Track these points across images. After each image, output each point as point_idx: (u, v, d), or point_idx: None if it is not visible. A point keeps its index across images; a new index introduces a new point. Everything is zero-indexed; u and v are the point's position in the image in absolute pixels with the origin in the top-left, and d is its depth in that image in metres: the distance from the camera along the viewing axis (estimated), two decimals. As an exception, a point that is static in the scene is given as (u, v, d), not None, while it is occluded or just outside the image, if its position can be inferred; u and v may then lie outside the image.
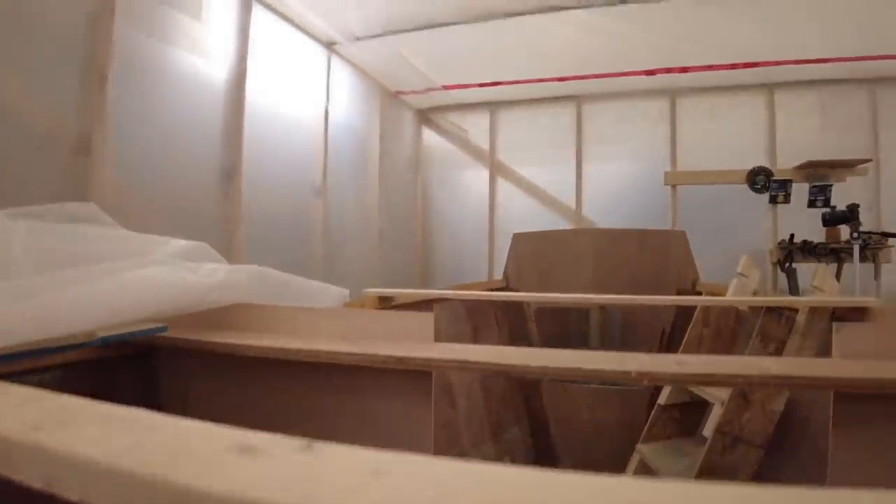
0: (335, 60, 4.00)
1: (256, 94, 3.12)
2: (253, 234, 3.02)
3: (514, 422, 3.23)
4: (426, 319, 1.18)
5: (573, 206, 4.90)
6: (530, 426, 3.33)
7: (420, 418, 1.12)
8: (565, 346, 3.62)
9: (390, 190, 4.76)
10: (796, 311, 2.10)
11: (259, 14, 3.18)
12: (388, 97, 4.80)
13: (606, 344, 3.99)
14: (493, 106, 5.18)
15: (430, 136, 5.49)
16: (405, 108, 5.20)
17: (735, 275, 2.57)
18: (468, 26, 3.60)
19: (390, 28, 3.68)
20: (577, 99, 4.89)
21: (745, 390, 2.00)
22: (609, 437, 3.19)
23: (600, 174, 4.87)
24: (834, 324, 1.00)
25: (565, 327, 3.88)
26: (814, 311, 2.08)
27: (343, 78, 4.15)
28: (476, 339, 3.07)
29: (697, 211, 4.63)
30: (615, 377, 0.93)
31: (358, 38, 3.83)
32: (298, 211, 3.55)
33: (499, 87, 4.72)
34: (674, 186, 4.61)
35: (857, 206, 3.84)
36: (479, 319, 3.10)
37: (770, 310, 2.28)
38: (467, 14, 3.43)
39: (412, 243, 5.26)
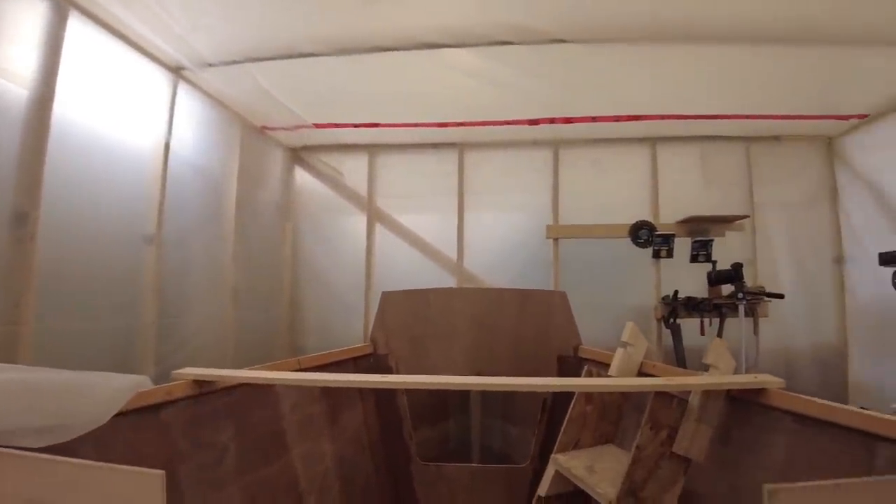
0: (184, 88, 3.58)
1: (72, 120, 2.65)
2: (51, 291, 2.49)
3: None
4: (152, 483, 0.81)
5: (455, 257, 4.70)
6: (401, 516, 2.98)
7: None
8: (443, 420, 3.31)
9: (251, 239, 4.33)
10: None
11: (82, 29, 2.75)
12: (251, 132, 4.43)
13: (488, 415, 3.75)
14: (372, 149, 4.96)
15: (303, 178, 5.13)
16: (273, 145, 4.84)
17: (620, 343, 2.41)
18: (336, 60, 3.37)
19: (247, 55, 3.36)
20: (459, 146, 4.79)
21: (635, 488, 1.79)
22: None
23: (484, 225, 4.79)
24: (766, 488, 0.74)
25: (443, 399, 3.60)
26: (708, 392, 1.94)
27: (194, 108, 3.72)
28: (335, 421, 2.71)
29: (582, 265, 4.63)
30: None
31: (210, 65, 3.46)
32: (122, 264, 3.03)
33: (377, 129, 4.50)
34: (556, 240, 4.57)
35: (741, 265, 3.93)
36: (338, 397, 2.74)
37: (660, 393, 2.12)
38: (330, 45, 3.20)
39: (278, 301, 4.81)
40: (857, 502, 0.75)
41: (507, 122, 4.30)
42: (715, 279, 3.99)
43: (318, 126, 4.49)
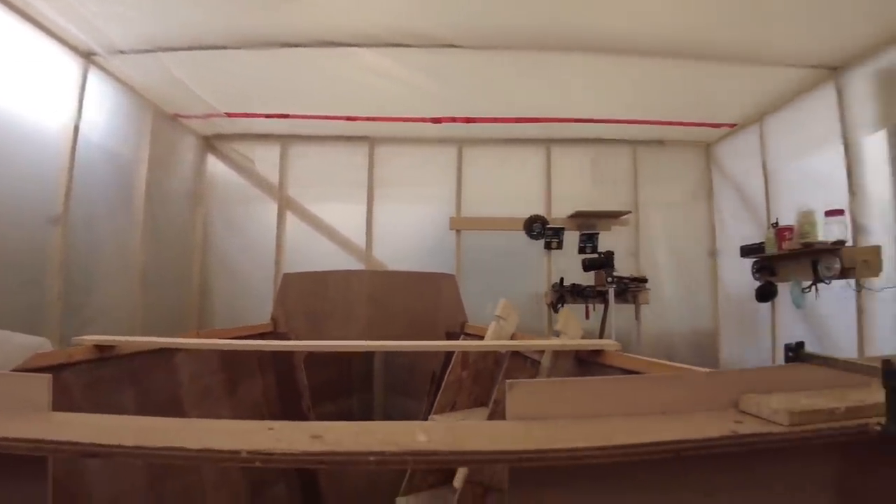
0: (95, 73, 3.70)
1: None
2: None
3: (278, 478, 3.09)
4: (39, 384, 1.03)
5: (364, 246, 4.98)
6: (299, 482, 3.20)
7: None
8: (345, 397, 3.57)
9: (161, 224, 4.48)
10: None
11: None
12: (163, 119, 4.56)
13: (390, 391, 4.07)
14: (284, 139, 5.16)
15: (216, 166, 5.28)
16: (186, 132, 4.97)
17: (494, 317, 2.77)
18: (248, 53, 3.59)
19: (158, 44, 3.53)
20: (369, 140, 5.06)
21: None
22: (388, 489, 3.17)
23: (392, 216, 5.09)
24: (507, 382, 1.04)
25: (346, 376, 3.87)
26: (558, 353, 2.30)
27: (106, 93, 3.85)
28: (233, 392, 2.92)
29: (483, 255, 4.99)
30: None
31: (121, 52, 3.60)
32: (26, 243, 3.15)
33: (289, 119, 4.71)
34: (458, 231, 4.93)
35: (612, 253, 4.40)
36: (237, 370, 2.95)
37: (517, 353, 2.49)
38: (240, 39, 3.43)
39: (187, 286, 4.95)
40: (574, 392, 1.07)
41: (413, 119, 4.63)
42: (588, 265, 4.46)
43: (230, 115, 4.67)
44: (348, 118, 4.68)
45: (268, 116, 4.70)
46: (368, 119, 4.67)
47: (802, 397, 0.96)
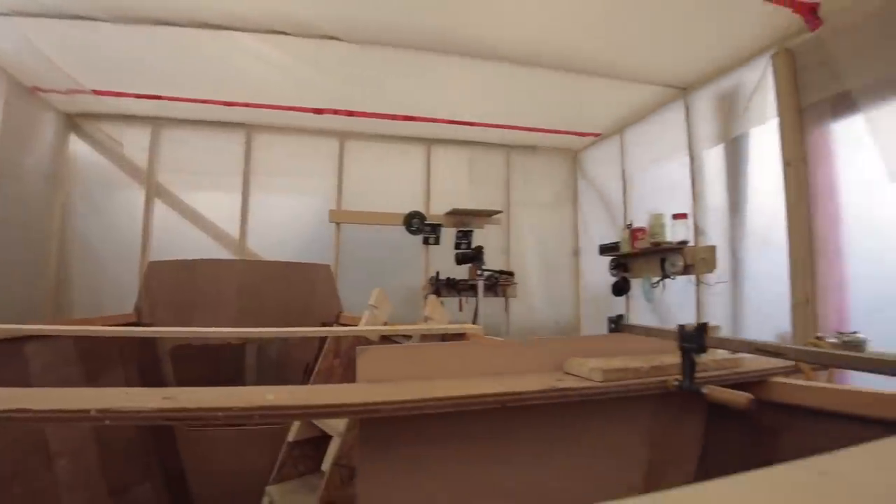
0: (-65, 36, 3.34)
1: None
2: None
3: (143, 478, 2.95)
4: None
5: (238, 237, 4.85)
6: (165, 481, 3.07)
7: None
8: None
9: (13, 206, 4.09)
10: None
11: None
12: (18, 92, 4.16)
13: (264, 382, 4.00)
14: (156, 121, 4.89)
15: (79, 147, 4.89)
16: (46, 108, 4.57)
17: (368, 306, 2.84)
18: (118, 27, 3.38)
19: (14, 7, 3.24)
20: (247, 127, 4.93)
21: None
22: (259, 483, 3.12)
23: (269, 207, 4.97)
24: (357, 348, 1.13)
25: (214, 369, 3.76)
26: (425, 337, 2.42)
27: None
28: (93, 385, 2.75)
29: (364, 248, 5.03)
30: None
31: (-33, 14, 3.28)
32: None
33: (161, 101, 4.49)
34: (338, 224, 4.94)
35: (481, 248, 4.64)
36: (96, 361, 2.78)
37: (387, 338, 2.58)
38: (110, 12, 3.22)
39: (43, 275, 4.56)
40: (419, 355, 1.18)
41: (294, 108, 4.57)
42: (461, 259, 4.67)
43: (97, 93, 4.37)
44: (225, 103, 4.52)
45: (138, 97, 4.44)
46: (246, 105, 4.54)
47: (617, 360, 1.14)
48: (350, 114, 4.67)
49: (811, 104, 3.12)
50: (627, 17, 3.29)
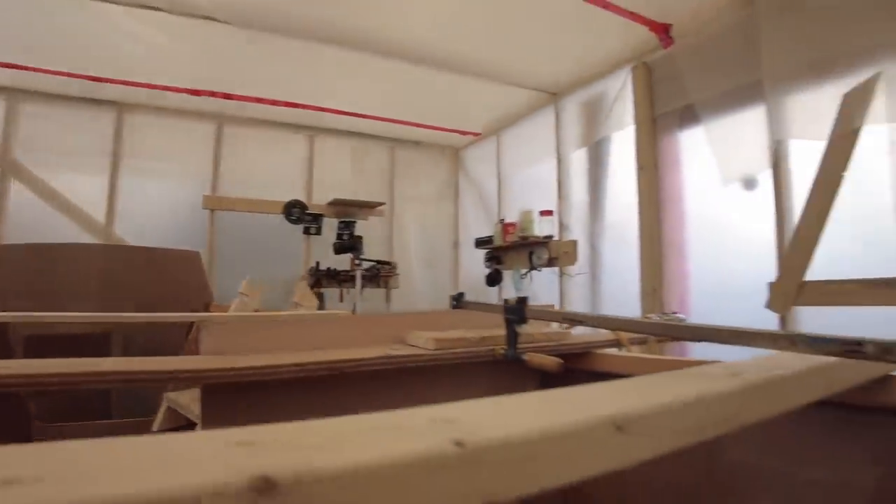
0: None
1: None
2: None
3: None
4: None
5: (104, 222, 4.55)
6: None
7: None
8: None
9: None
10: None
11: None
12: None
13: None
14: (12, 94, 4.47)
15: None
16: None
17: (238, 294, 2.82)
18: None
19: None
20: (117, 105, 4.63)
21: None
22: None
23: (140, 191, 4.69)
24: (201, 322, 1.15)
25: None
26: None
27: None
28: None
29: (242, 237, 4.89)
30: None
31: None
32: None
33: (18, 71, 4.12)
34: (212, 211, 4.77)
35: (360, 238, 4.68)
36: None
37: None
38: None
39: None
40: (265, 329, 1.23)
41: (169, 88, 4.36)
42: (338, 249, 4.68)
43: (-61, 58, 3.95)
44: (92, 78, 4.23)
45: (-11, 64, 4.07)
46: (116, 82, 4.29)
47: (453, 332, 1.27)
48: (228, 97, 4.54)
49: (663, 114, 3.45)
50: (506, 24, 3.47)
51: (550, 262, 4.02)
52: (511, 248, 4.40)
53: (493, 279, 4.71)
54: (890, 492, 0.99)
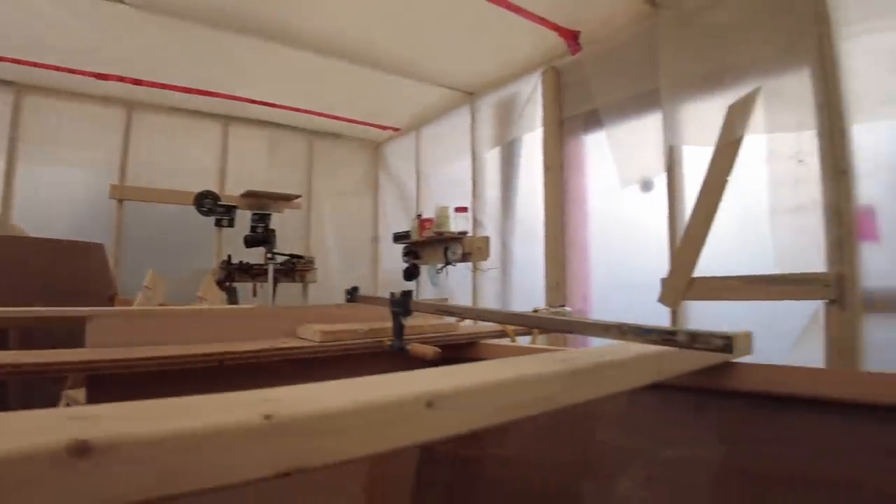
0: None
1: None
2: None
3: None
4: None
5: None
6: None
7: None
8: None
9: None
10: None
11: None
12: None
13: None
14: None
15: None
16: None
17: (142, 288, 2.73)
18: None
19: None
20: (16, 87, 4.35)
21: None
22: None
23: (40, 178, 4.41)
24: (88, 315, 1.14)
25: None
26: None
27: None
28: None
29: (152, 228, 4.71)
30: None
31: None
32: None
33: None
34: (120, 201, 4.57)
35: (273, 230, 4.61)
36: None
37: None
38: None
39: None
40: (152, 321, 1.23)
41: (73, 71, 4.14)
42: (250, 242, 4.59)
43: None
44: (-14, 57, 3.97)
45: None
46: (14, 61, 4.03)
47: (344, 324, 1.32)
48: (137, 82, 4.35)
49: (569, 117, 3.60)
50: (423, 23, 3.52)
51: (464, 258, 4.12)
52: (427, 244, 4.47)
53: (411, 274, 4.76)
54: (733, 467, 1.11)
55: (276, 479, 0.35)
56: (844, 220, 2.44)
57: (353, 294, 1.42)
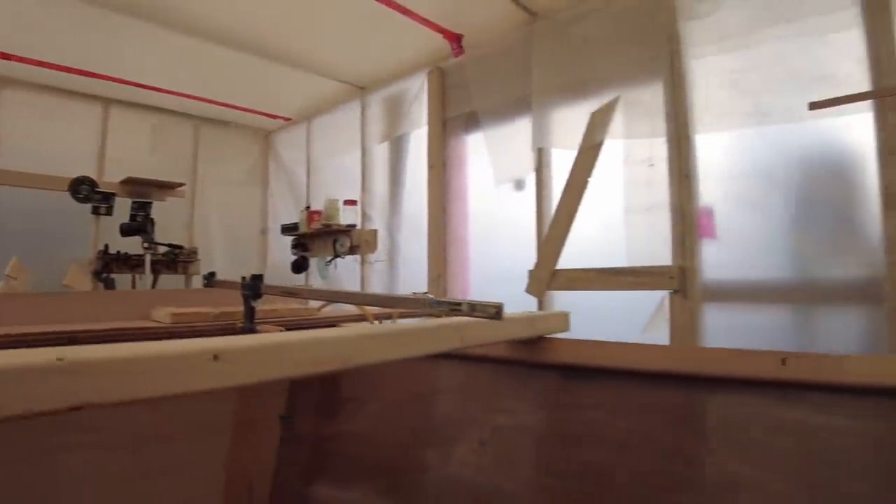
0: None
1: None
2: None
3: None
4: None
5: None
6: None
7: None
8: None
9: None
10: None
11: None
12: None
13: None
14: None
15: None
16: None
17: (3, 277, 2.63)
18: None
19: None
20: None
21: None
22: None
23: None
24: None
25: None
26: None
27: None
28: None
29: (24, 214, 4.40)
30: None
31: None
32: None
33: None
34: (-13, 187, 4.26)
35: (150, 219, 4.48)
36: None
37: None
38: None
39: None
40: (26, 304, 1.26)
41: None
42: (125, 231, 4.43)
43: None
44: None
45: None
46: None
47: (195, 308, 1.39)
48: (6, 57, 4.07)
49: (452, 117, 3.77)
50: (314, 15, 3.54)
51: (352, 250, 4.20)
52: (317, 236, 4.50)
53: (300, 266, 4.77)
54: (550, 430, 1.28)
55: (128, 453, 0.44)
56: (687, 220, 2.75)
57: (209, 279, 1.48)
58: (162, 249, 4.62)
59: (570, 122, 3.13)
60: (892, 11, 2.31)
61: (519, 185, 3.36)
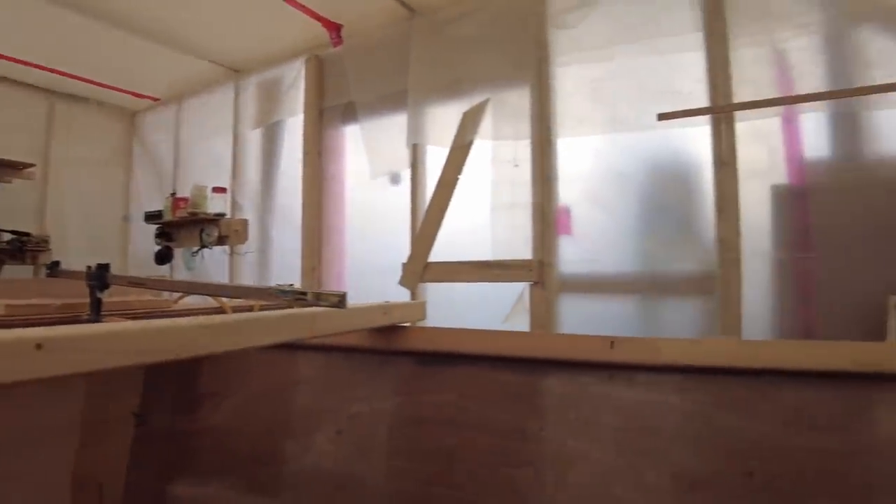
0: None
1: None
2: None
3: None
4: None
5: None
6: None
7: None
8: None
9: None
10: None
11: None
12: None
13: None
14: None
15: None
16: None
17: None
18: None
19: None
20: None
21: None
22: None
23: None
24: None
25: None
26: None
27: None
28: None
29: None
30: None
31: None
32: None
33: None
34: None
35: None
36: None
37: None
38: None
39: None
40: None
41: None
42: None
43: None
44: None
45: None
46: None
47: (37, 299, 1.35)
48: None
49: (330, 107, 3.76)
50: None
51: (221, 241, 4.04)
52: (182, 225, 4.28)
53: (164, 257, 4.52)
54: (404, 415, 1.35)
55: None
56: (547, 217, 2.93)
57: (53, 268, 1.41)
58: (6, 237, 4.21)
59: (444, 119, 3.23)
60: (728, 40, 2.61)
61: (395, 178, 3.42)
